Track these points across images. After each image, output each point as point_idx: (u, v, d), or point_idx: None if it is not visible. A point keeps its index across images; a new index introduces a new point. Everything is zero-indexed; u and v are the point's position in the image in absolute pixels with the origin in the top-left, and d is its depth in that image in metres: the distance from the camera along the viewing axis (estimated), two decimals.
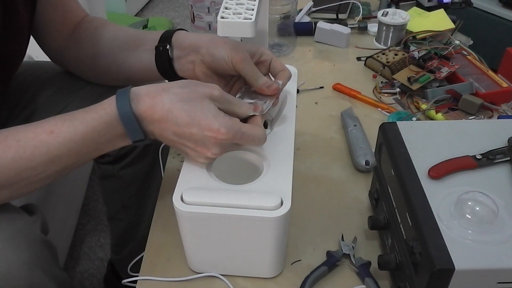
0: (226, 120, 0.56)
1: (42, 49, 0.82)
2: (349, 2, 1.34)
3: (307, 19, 1.32)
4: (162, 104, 0.56)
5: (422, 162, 0.61)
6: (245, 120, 0.62)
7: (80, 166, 0.60)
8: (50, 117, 0.58)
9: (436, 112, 0.95)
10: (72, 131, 0.56)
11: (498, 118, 0.95)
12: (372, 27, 1.26)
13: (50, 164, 0.56)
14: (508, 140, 0.65)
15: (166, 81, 0.76)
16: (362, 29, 1.27)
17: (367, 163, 0.84)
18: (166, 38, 0.72)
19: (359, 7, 1.33)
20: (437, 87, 1.01)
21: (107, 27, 0.80)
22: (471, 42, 1.22)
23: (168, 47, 0.71)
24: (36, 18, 0.75)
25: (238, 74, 0.67)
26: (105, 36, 0.79)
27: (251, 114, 0.61)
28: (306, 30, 1.26)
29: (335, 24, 1.23)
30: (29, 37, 0.75)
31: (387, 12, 1.18)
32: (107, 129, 0.57)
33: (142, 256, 0.71)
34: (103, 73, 0.81)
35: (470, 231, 0.53)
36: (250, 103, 0.64)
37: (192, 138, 0.57)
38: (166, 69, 0.73)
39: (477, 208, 0.55)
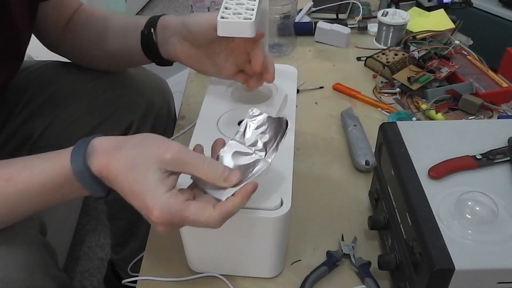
0: (163, 199, 0.48)
1: (40, 41, 0.83)
2: (349, 2, 1.34)
3: (307, 19, 1.32)
4: (111, 168, 0.51)
5: (422, 162, 0.61)
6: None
7: (47, 209, 0.57)
8: (11, 161, 0.55)
9: (436, 112, 0.95)
10: (29, 181, 0.53)
11: (498, 118, 0.95)
12: (372, 27, 1.26)
13: (10, 213, 0.54)
14: (508, 140, 0.65)
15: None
16: (362, 29, 1.27)
17: (367, 163, 0.84)
18: (152, 22, 0.73)
19: (359, 7, 1.33)
20: (437, 87, 1.01)
21: (97, 16, 0.81)
22: (471, 42, 1.21)
23: (152, 31, 0.72)
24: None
25: (213, 33, 0.65)
26: (96, 25, 0.80)
27: (223, 185, 0.51)
28: (306, 30, 1.26)
29: (335, 24, 1.22)
30: (29, 38, 0.75)
31: (387, 12, 1.18)
32: (64, 183, 0.53)
33: (142, 256, 0.71)
34: (96, 61, 0.83)
35: (470, 231, 0.53)
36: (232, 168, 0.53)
37: (137, 208, 0.51)
38: (152, 53, 0.74)
39: (477, 208, 0.55)
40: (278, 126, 0.56)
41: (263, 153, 0.55)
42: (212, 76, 0.75)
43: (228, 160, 0.55)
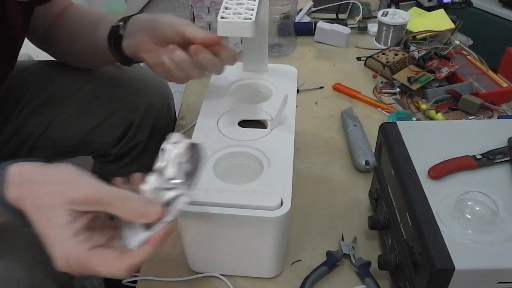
0: (64, 248, 0.46)
1: (27, 37, 0.83)
2: (349, 2, 1.34)
3: (307, 19, 1.32)
4: (22, 204, 0.47)
5: (422, 162, 0.61)
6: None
7: None
8: None
9: (436, 112, 0.95)
10: None
11: (498, 118, 0.95)
12: (372, 27, 1.26)
13: None
14: (508, 140, 0.65)
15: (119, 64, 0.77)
16: (362, 29, 1.27)
17: (367, 163, 0.84)
18: (126, 17, 0.73)
19: (359, 7, 1.33)
20: (437, 87, 1.01)
21: (86, 13, 0.81)
22: (471, 42, 1.21)
23: (122, 24, 0.71)
24: None
25: (178, 38, 0.65)
26: (81, 21, 0.80)
27: (143, 221, 0.48)
28: (306, 30, 1.26)
29: (335, 24, 1.23)
30: (24, 39, 0.75)
31: (387, 12, 1.18)
32: None
33: None
34: (74, 56, 0.83)
35: (470, 231, 0.53)
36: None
37: None
38: (115, 47, 0.72)
39: (477, 208, 0.55)
40: (197, 155, 0.52)
41: (184, 187, 0.50)
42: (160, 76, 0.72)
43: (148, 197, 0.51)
